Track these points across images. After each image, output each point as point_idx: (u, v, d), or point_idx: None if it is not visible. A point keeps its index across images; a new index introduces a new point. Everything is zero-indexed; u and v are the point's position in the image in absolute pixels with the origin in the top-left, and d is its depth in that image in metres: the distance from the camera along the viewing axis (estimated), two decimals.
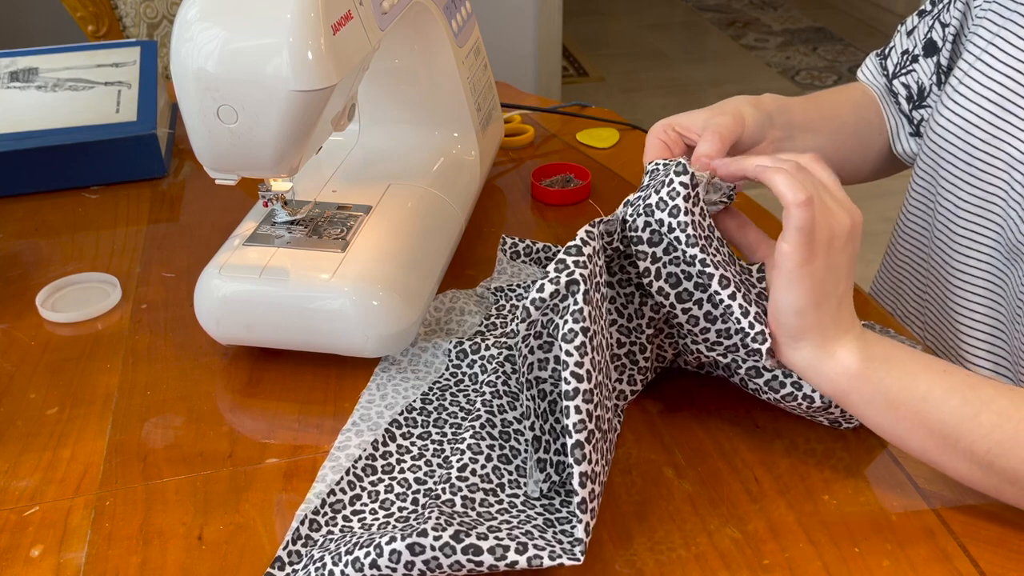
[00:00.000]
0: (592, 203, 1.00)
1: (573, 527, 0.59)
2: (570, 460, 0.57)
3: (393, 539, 0.55)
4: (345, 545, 0.57)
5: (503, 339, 0.76)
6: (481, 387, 0.71)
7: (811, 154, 0.65)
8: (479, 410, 0.67)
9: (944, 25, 0.90)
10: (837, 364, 0.61)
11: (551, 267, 0.61)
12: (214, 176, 0.71)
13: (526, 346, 0.63)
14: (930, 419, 0.60)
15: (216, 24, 0.63)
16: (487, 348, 0.74)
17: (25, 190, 1.04)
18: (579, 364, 0.58)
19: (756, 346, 0.64)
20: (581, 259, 0.61)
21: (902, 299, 0.95)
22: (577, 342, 0.58)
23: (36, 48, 1.17)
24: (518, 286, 0.84)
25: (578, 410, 0.57)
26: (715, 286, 0.63)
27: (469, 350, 0.75)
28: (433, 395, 0.73)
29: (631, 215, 0.65)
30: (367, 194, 0.83)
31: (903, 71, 0.94)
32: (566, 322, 0.59)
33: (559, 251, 0.89)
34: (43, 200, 1.03)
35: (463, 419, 0.70)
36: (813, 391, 0.65)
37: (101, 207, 1.02)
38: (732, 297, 0.63)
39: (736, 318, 0.63)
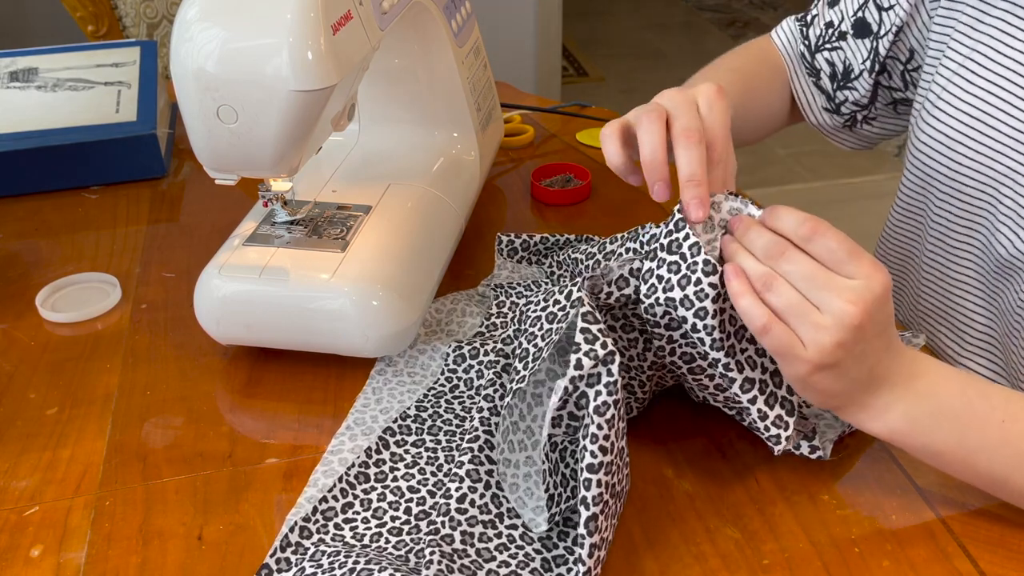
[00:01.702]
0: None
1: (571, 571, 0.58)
2: (582, 531, 0.56)
3: None
4: (340, 568, 0.56)
5: (501, 346, 0.75)
6: (477, 398, 0.71)
7: (811, 222, 0.57)
8: (476, 429, 0.66)
9: (882, 8, 0.86)
10: (882, 426, 0.60)
11: (578, 336, 0.58)
12: (214, 176, 0.71)
13: (553, 415, 0.60)
14: (979, 469, 0.60)
15: (216, 24, 0.63)
16: (485, 354, 0.74)
17: (25, 190, 1.04)
18: (607, 437, 0.57)
19: (770, 444, 0.63)
20: (602, 326, 0.59)
21: (897, 309, 0.94)
22: (608, 415, 0.57)
23: (36, 48, 1.17)
24: (518, 284, 0.84)
25: (599, 483, 0.56)
26: (735, 389, 0.62)
27: (467, 355, 0.74)
28: (428, 402, 0.72)
29: (647, 295, 0.62)
30: (367, 194, 0.83)
31: (827, 45, 0.90)
32: (599, 393, 0.57)
33: (557, 239, 0.88)
34: (43, 200, 1.03)
35: (458, 427, 0.70)
36: (811, 452, 0.65)
37: (101, 207, 1.02)
38: (752, 401, 0.62)
39: (753, 419, 0.63)
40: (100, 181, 1.06)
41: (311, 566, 0.57)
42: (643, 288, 0.62)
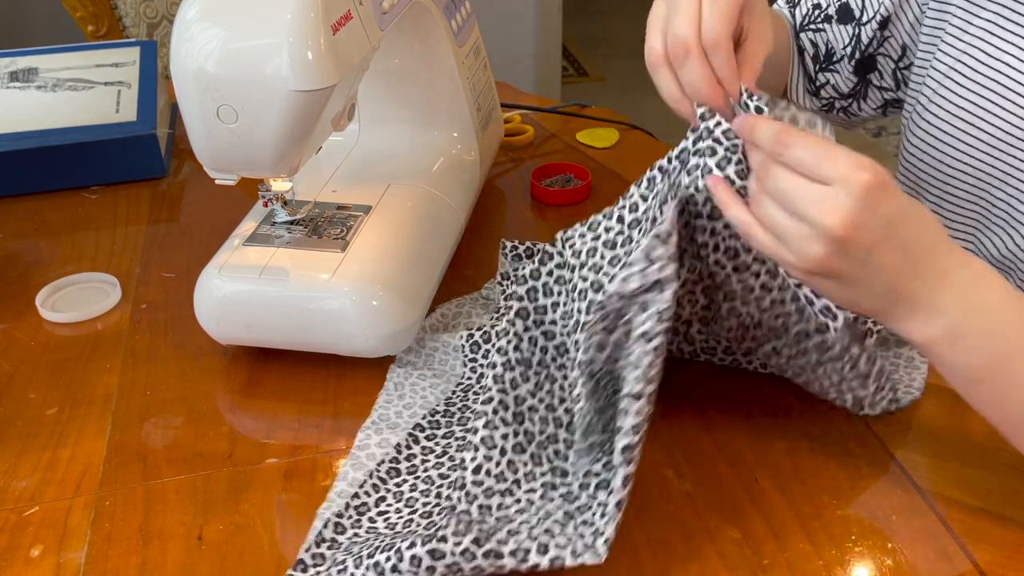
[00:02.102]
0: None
1: (596, 522, 0.57)
2: (618, 459, 0.55)
3: (413, 544, 0.55)
4: (367, 548, 0.57)
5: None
6: (492, 356, 0.69)
7: (781, 135, 0.55)
8: (490, 389, 0.64)
9: None
10: (926, 333, 0.56)
11: (638, 254, 0.55)
12: (214, 176, 0.71)
13: (592, 334, 0.58)
14: (1013, 407, 0.56)
15: (216, 24, 0.63)
16: (497, 336, 0.73)
17: (25, 190, 1.04)
18: (651, 365, 0.55)
19: (824, 322, 0.59)
20: (671, 249, 0.56)
21: None
22: (656, 342, 0.54)
23: (36, 48, 1.17)
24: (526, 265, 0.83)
25: (639, 412, 0.55)
26: (781, 272, 0.59)
27: (481, 340, 0.74)
28: (456, 397, 0.73)
29: (687, 187, 0.59)
30: (367, 194, 0.83)
31: (811, 26, 0.89)
32: (651, 317, 0.55)
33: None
34: (43, 200, 1.03)
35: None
36: (862, 400, 0.63)
37: (101, 207, 1.02)
38: (799, 285, 0.59)
39: (802, 304, 0.60)
40: (100, 181, 1.06)
41: (343, 554, 0.58)
42: (685, 179, 0.60)
